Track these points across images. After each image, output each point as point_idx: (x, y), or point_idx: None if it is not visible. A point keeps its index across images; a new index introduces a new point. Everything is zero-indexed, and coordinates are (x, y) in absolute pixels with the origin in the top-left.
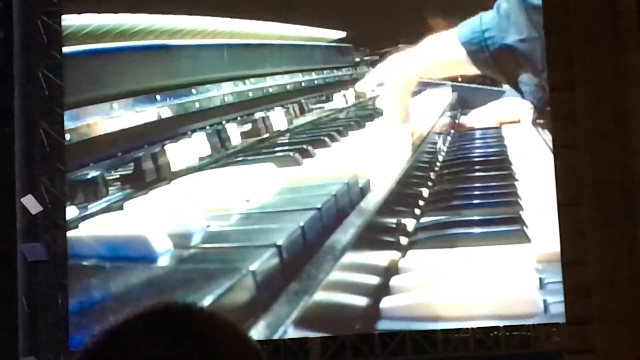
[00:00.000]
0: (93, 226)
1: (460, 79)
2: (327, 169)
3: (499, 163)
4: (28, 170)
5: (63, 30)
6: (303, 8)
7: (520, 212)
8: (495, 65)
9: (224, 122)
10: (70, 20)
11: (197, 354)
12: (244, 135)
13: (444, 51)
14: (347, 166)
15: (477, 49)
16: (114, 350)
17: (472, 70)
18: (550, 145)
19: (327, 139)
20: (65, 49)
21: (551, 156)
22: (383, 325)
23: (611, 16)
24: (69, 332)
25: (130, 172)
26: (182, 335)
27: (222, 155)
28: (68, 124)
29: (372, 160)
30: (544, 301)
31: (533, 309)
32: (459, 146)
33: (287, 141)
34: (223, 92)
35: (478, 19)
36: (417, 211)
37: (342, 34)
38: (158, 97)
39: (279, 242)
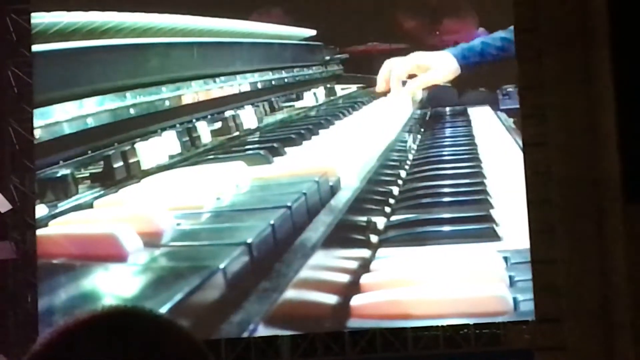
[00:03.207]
0: (63, 224)
1: None
2: (298, 167)
3: (469, 161)
4: None
5: (32, 28)
6: (273, 6)
7: (491, 210)
8: None
9: (194, 120)
10: (39, 18)
11: (142, 356)
12: (214, 133)
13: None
14: (318, 164)
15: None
16: (61, 352)
17: None
18: (520, 142)
19: (297, 137)
20: (35, 47)
21: (521, 154)
22: (353, 323)
23: (581, 14)
24: (39, 331)
25: (100, 170)
26: (129, 338)
27: (193, 153)
28: (37, 122)
29: (342, 158)
30: (514, 299)
31: (503, 307)
32: (430, 144)
33: (257, 139)
34: (193, 90)
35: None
36: (388, 209)
37: (312, 32)
38: (128, 95)
39: (249, 240)
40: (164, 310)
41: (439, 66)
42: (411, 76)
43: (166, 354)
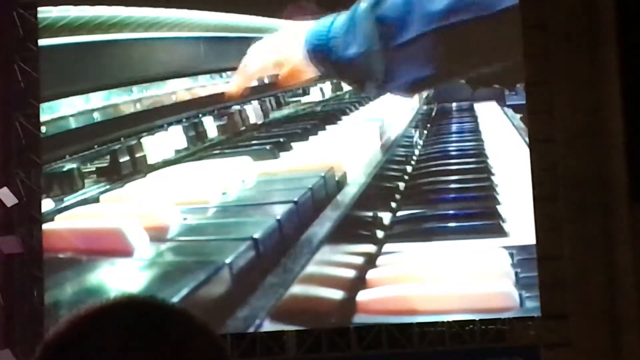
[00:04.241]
0: (69, 219)
1: None
2: (304, 162)
3: (476, 157)
4: (4, 163)
5: (39, 22)
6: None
7: (497, 206)
8: (337, 73)
9: (200, 115)
10: (46, 12)
11: (156, 346)
12: (221, 128)
13: (288, 54)
14: (324, 159)
15: (320, 57)
16: (75, 341)
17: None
18: (527, 139)
19: (303, 132)
20: (42, 41)
21: (528, 150)
22: (359, 318)
23: (589, 12)
24: (45, 325)
25: (106, 164)
26: (142, 328)
27: (199, 148)
28: (44, 117)
29: (348, 153)
30: (520, 295)
31: (509, 303)
32: (436, 140)
33: (263, 134)
34: (200, 85)
35: (329, 24)
36: (394, 205)
37: None
38: (134, 89)
39: (256, 235)
40: None
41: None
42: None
43: (180, 344)
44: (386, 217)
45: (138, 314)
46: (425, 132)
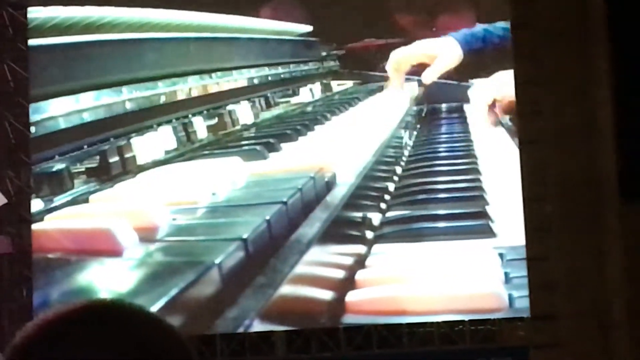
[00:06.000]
0: (58, 219)
1: None
2: (293, 163)
3: (465, 157)
4: None
5: (29, 23)
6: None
7: (486, 207)
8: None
9: (190, 115)
10: (36, 13)
11: (122, 349)
12: (210, 128)
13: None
14: (313, 160)
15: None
16: (42, 345)
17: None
18: (516, 140)
19: (293, 133)
20: (31, 41)
21: (517, 151)
22: (348, 319)
23: (578, 10)
24: None
25: (96, 164)
26: (108, 332)
27: (188, 148)
28: (33, 117)
29: (338, 154)
30: (509, 295)
31: (498, 304)
32: (425, 141)
33: (253, 135)
34: (189, 85)
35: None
36: (383, 205)
37: (308, 28)
38: (124, 90)
39: (245, 236)
40: (159, 305)
41: (446, 52)
42: (420, 65)
43: (146, 348)
44: (376, 217)
45: (105, 317)
46: (415, 132)
